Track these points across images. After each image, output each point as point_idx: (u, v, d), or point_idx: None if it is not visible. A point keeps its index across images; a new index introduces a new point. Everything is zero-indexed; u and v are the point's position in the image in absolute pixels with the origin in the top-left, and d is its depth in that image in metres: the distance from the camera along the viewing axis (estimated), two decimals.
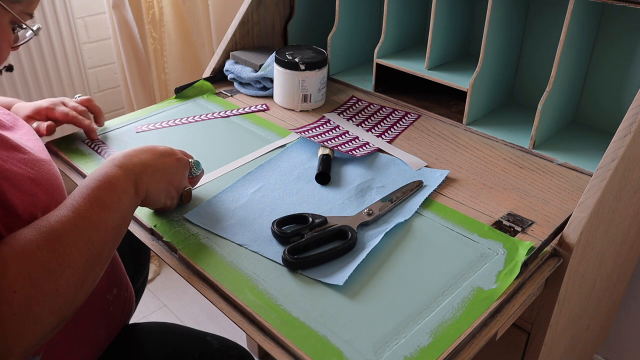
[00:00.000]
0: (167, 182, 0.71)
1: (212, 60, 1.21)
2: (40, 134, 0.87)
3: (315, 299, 0.64)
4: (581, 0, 0.86)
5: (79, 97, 0.96)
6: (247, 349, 0.90)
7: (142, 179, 0.66)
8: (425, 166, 0.90)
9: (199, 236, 0.73)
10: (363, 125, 1.04)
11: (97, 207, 0.59)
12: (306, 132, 0.99)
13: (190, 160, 0.78)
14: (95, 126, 0.95)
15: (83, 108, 0.93)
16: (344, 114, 1.08)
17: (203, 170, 0.81)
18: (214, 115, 1.05)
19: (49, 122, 0.88)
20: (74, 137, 0.96)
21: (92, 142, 0.95)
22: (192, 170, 0.77)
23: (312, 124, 1.03)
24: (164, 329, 0.87)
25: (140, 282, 1.09)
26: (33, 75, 1.51)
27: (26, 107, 0.91)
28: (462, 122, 1.03)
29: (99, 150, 0.93)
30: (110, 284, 0.79)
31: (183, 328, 0.88)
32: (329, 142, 0.95)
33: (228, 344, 0.86)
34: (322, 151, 0.90)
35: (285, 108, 1.10)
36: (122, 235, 0.63)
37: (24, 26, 0.68)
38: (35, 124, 0.89)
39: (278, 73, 1.07)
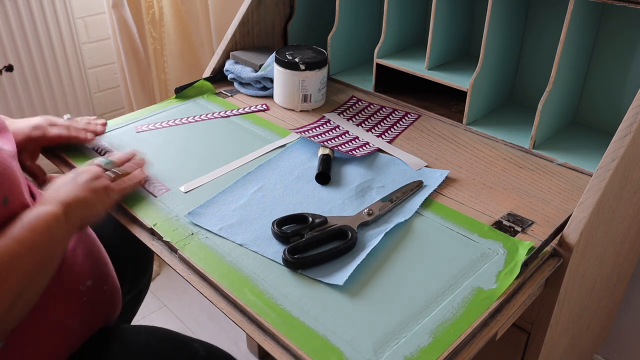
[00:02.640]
0: (90, 192, 0.74)
1: (212, 60, 1.21)
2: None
3: (315, 298, 0.64)
4: (581, 0, 0.86)
5: (68, 118, 0.95)
6: (235, 358, 0.88)
7: (70, 207, 0.70)
8: (425, 166, 0.90)
9: (199, 236, 0.73)
10: (363, 125, 1.04)
11: (26, 231, 0.63)
12: (306, 132, 0.99)
13: (97, 164, 0.80)
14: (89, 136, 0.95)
15: (77, 125, 0.93)
16: (344, 114, 1.08)
17: (114, 162, 0.82)
18: (214, 115, 1.05)
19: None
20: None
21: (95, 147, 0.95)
22: (107, 170, 0.79)
23: (312, 124, 1.03)
24: (150, 333, 0.85)
25: (143, 282, 1.08)
26: (33, 75, 1.51)
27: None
28: (462, 122, 1.03)
29: (99, 151, 0.93)
30: (84, 275, 0.77)
31: (170, 333, 0.86)
32: (329, 142, 0.95)
33: (215, 351, 0.84)
34: (322, 151, 0.90)
35: (285, 108, 1.10)
36: (56, 260, 0.67)
37: None
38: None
39: (278, 73, 1.07)
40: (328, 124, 1.03)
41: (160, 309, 1.65)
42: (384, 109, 1.10)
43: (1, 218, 0.67)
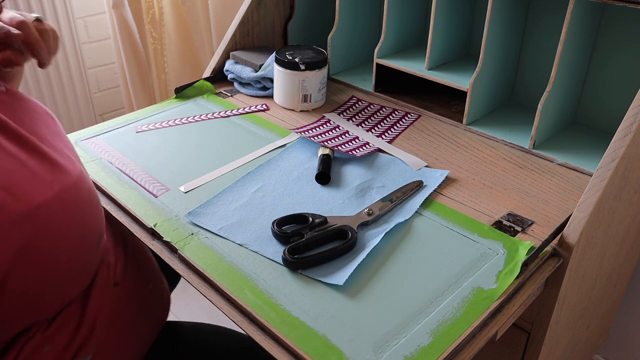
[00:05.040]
0: None
1: (212, 60, 1.21)
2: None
3: (315, 298, 0.64)
4: (581, 0, 0.86)
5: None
6: None
7: None
8: (425, 166, 0.90)
9: (199, 236, 0.73)
10: (363, 125, 1.04)
11: None
12: (306, 132, 0.99)
13: None
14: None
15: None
16: (344, 114, 1.08)
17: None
18: (214, 115, 1.05)
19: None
20: (74, 137, 0.97)
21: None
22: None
23: (312, 124, 1.03)
24: (207, 329, 0.88)
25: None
26: (33, 76, 1.51)
27: None
28: (462, 122, 1.03)
29: (100, 152, 0.93)
30: (146, 279, 0.80)
31: (225, 329, 0.90)
32: (329, 142, 0.95)
33: None
34: (322, 151, 0.90)
35: (285, 108, 1.10)
36: None
37: None
38: None
39: (278, 73, 1.07)
40: (328, 124, 1.03)
41: None
42: (384, 109, 1.10)
43: (95, 260, 0.68)
